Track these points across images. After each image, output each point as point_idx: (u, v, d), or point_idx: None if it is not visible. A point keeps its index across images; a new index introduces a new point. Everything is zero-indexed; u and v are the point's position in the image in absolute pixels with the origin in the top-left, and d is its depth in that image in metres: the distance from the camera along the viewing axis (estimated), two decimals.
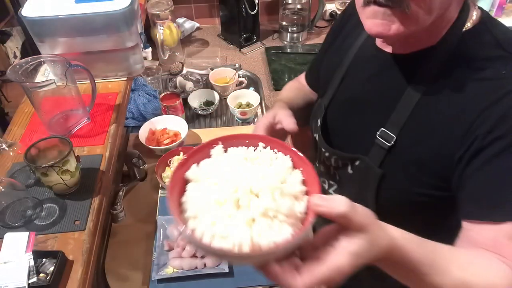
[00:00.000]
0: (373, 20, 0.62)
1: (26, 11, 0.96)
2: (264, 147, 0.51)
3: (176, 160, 1.26)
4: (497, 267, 0.58)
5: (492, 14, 1.78)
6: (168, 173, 1.24)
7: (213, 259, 0.94)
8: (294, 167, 0.48)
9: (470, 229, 0.62)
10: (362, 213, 0.45)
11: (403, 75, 0.70)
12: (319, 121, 0.86)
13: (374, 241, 0.46)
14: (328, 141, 0.84)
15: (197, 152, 0.50)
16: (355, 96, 0.79)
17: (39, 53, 1.02)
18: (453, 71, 0.65)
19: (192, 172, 0.48)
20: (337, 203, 0.43)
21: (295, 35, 1.91)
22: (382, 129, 0.71)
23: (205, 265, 1.01)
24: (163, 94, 1.48)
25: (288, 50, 1.87)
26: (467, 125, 0.62)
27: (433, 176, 0.67)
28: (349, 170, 0.78)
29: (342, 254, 0.43)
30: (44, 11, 0.96)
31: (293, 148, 0.48)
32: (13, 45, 1.51)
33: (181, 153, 1.27)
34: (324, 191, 0.87)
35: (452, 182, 0.65)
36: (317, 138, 0.87)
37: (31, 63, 0.88)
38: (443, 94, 0.65)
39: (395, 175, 0.71)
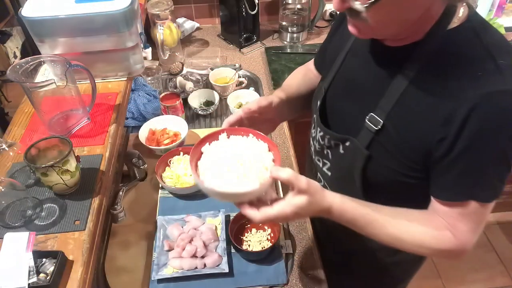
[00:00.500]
0: (349, 24, 0.71)
1: (26, 11, 0.96)
2: (252, 137, 0.76)
3: (176, 160, 1.26)
4: (435, 231, 0.74)
5: (492, 14, 1.77)
6: (168, 173, 1.24)
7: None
8: (269, 150, 0.74)
9: (435, 204, 0.75)
10: (304, 181, 0.66)
11: (393, 65, 0.75)
12: (318, 102, 0.91)
13: (313, 201, 0.68)
14: (325, 122, 0.90)
15: (209, 136, 0.76)
16: (351, 80, 0.85)
17: (39, 53, 1.02)
18: (436, 65, 0.70)
19: (205, 148, 0.75)
20: (285, 173, 0.66)
21: (295, 35, 1.91)
22: (371, 113, 0.76)
23: (205, 265, 1.01)
24: (163, 94, 1.48)
25: (288, 50, 1.87)
26: (443, 118, 0.67)
27: (414, 160, 0.73)
28: (341, 150, 0.84)
29: (286, 204, 0.67)
30: (44, 11, 0.96)
31: (270, 139, 0.75)
32: (13, 45, 1.51)
33: (181, 153, 1.27)
34: (319, 169, 0.95)
35: (428, 166, 0.73)
36: (315, 118, 0.93)
37: (31, 63, 0.88)
38: (426, 85, 0.70)
39: (380, 157, 0.77)
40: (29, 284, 0.68)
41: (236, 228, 1.09)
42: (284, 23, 1.91)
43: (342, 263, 1.16)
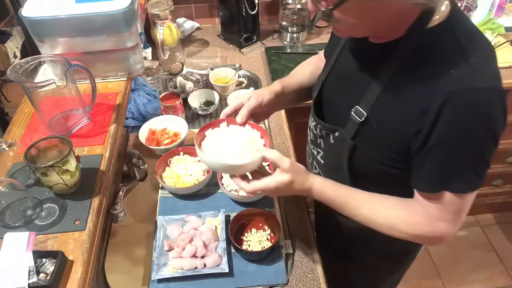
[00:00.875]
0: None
1: (26, 11, 0.96)
2: (248, 126, 0.90)
3: (176, 160, 1.26)
4: (409, 216, 0.80)
5: (492, 14, 1.77)
6: (168, 173, 1.24)
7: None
8: (261, 137, 0.88)
9: (416, 194, 0.80)
10: (287, 162, 0.79)
11: (376, 61, 0.79)
12: (315, 93, 0.96)
13: (295, 181, 0.80)
14: (320, 112, 0.95)
15: (212, 124, 0.91)
16: (343, 74, 0.90)
17: (39, 53, 1.02)
18: (414, 62, 0.73)
19: (208, 132, 0.90)
20: (272, 153, 0.81)
21: (295, 35, 1.91)
22: (357, 106, 0.81)
23: (205, 265, 1.01)
24: (163, 94, 1.48)
25: (288, 50, 1.87)
26: (419, 112, 0.70)
27: (396, 151, 0.78)
28: (331, 140, 0.90)
29: (272, 179, 0.81)
30: (44, 11, 0.96)
31: (263, 128, 0.90)
32: (13, 45, 1.51)
33: (181, 153, 1.27)
34: (314, 157, 1.01)
35: (408, 157, 0.77)
36: (311, 108, 0.99)
37: (31, 63, 0.88)
38: (404, 81, 0.74)
39: (364, 147, 0.82)
40: (29, 284, 0.68)
41: (236, 228, 1.09)
42: (284, 23, 1.91)
43: (342, 263, 1.17)
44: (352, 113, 0.81)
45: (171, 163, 1.26)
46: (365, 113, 0.79)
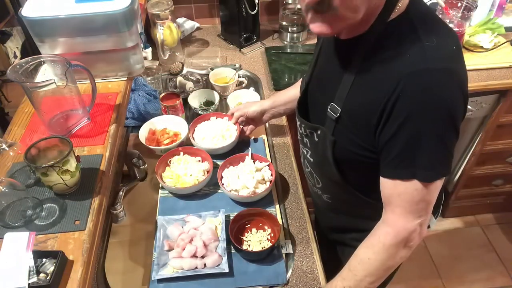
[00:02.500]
0: (314, 24, 0.74)
1: (26, 11, 0.96)
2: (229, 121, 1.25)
3: (176, 160, 1.26)
4: (373, 245, 0.84)
5: (492, 14, 1.77)
6: (168, 173, 1.24)
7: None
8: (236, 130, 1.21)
9: (381, 182, 0.82)
10: None
11: (344, 58, 0.83)
12: (300, 94, 1.01)
13: None
14: (305, 112, 0.99)
15: (202, 118, 1.22)
16: (320, 73, 0.94)
17: (39, 53, 1.02)
18: (376, 54, 0.76)
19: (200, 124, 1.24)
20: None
21: (295, 35, 1.91)
22: (332, 103, 0.84)
23: (205, 265, 1.01)
24: (163, 94, 1.48)
25: (288, 50, 1.87)
26: (379, 102, 0.73)
27: (367, 141, 0.80)
28: (315, 138, 0.93)
29: None
30: (44, 11, 0.96)
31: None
32: (13, 45, 1.51)
33: (181, 153, 1.27)
34: (304, 157, 1.05)
35: (375, 145, 0.80)
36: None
37: (31, 63, 0.88)
38: (368, 74, 0.77)
39: (343, 142, 0.86)
40: (29, 284, 0.68)
41: (236, 228, 1.09)
42: (284, 23, 1.91)
43: (342, 263, 1.17)
44: (329, 110, 0.85)
45: (171, 163, 1.26)
46: (339, 109, 0.82)
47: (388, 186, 0.80)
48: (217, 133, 1.32)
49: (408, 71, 0.69)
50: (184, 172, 1.23)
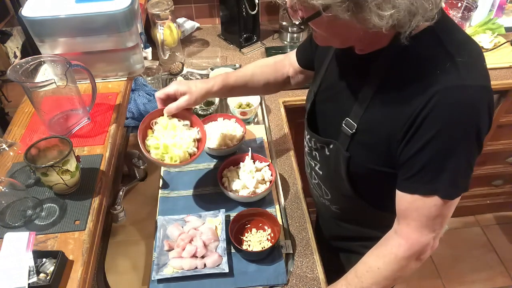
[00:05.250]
0: (314, 35, 0.78)
1: (26, 11, 0.96)
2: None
3: (161, 123, 1.01)
4: (385, 256, 0.82)
5: (492, 14, 1.77)
6: (153, 141, 0.99)
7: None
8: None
9: (397, 195, 0.79)
10: None
11: (362, 72, 0.79)
12: (308, 105, 0.97)
13: None
14: (314, 125, 0.96)
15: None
16: (332, 86, 0.90)
17: (39, 53, 1.02)
18: (399, 70, 0.73)
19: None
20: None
21: (295, 35, 1.91)
22: (347, 118, 0.82)
23: (205, 265, 1.01)
24: None
25: (288, 50, 1.87)
26: (406, 118, 0.71)
27: (386, 156, 0.79)
28: (326, 152, 0.91)
29: None
30: (44, 11, 0.96)
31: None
32: (13, 45, 1.51)
33: (165, 113, 1.00)
34: (312, 169, 1.02)
35: (394, 160, 0.78)
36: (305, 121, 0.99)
37: (31, 63, 0.88)
38: (390, 90, 0.75)
39: (358, 156, 0.84)
40: (29, 284, 0.68)
41: (236, 228, 1.09)
42: (284, 23, 1.91)
43: (342, 264, 1.17)
44: (343, 125, 0.83)
45: (154, 126, 1.02)
46: (355, 125, 0.80)
47: (405, 200, 0.77)
48: (223, 134, 1.32)
49: (442, 87, 0.67)
50: (173, 141, 0.99)
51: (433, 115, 0.68)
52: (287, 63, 1.13)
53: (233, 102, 1.50)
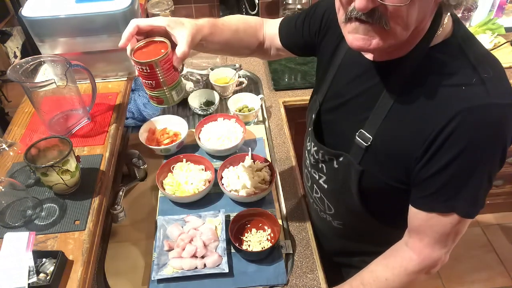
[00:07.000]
0: (354, 35, 0.66)
1: (26, 11, 0.96)
2: None
3: (179, 167, 1.24)
4: (396, 270, 0.80)
5: (492, 14, 1.77)
6: (169, 179, 1.22)
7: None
8: None
9: (412, 211, 0.77)
10: None
11: (379, 81, 0.75)
12: (313, 116, 0.92)
13: None
14: (320, 136, 0.91)
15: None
16: (342, 95, 0.85)
17: (39, 53, 1.02)
18: (421, 80, 0.69)
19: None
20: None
21: None
22: (361, 130, 0.77)
23: (205, 265, 1.01)
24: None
25: None
26: (427, 132, 0.68)
27: (402, 171, 0.75)
28: (335, 165, 0.86)
29: None
30: (44, 11, 0.96)
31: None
32: (13, 45, 1.51)
33: (184, 160, 1.26)
34: (315, 182, 0.96)
35: (410, 177, 0.75)
36: (310, 132, 0.94)
37: (31, 63, 0.88)
38: (411, 101, 0.71)
39: (372, 170, 0.79)
40: (29, 284, 0.68)
41: (236, 228, 1.09)
42: None
43: (341, 263, 1.16)
44: (357, 137, 0.78)
45: (174, 170, 1.25)
46: (371, 137, 0.76)
47: (420, 217, 0.75)
48: (223, 134, 1.31)
49: (469, 105, 0.64)
50: (185, 180, 1.21)
51: (458, 134, 0.65)
52: (263, 33, 0.99)
53: (233, 105, 1.50)
